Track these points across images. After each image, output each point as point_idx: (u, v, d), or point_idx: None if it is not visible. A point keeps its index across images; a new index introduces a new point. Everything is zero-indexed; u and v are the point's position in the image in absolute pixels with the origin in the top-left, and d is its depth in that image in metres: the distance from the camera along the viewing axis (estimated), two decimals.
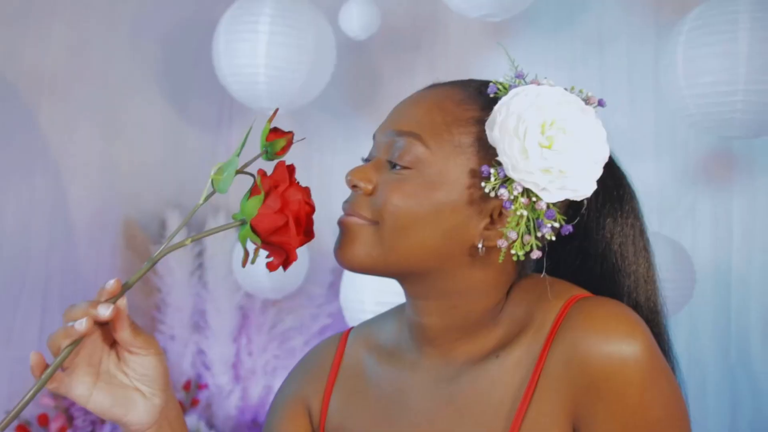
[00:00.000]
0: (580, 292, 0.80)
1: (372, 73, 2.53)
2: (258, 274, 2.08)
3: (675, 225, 2.10)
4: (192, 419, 2.19)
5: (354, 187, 0.82)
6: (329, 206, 2.82)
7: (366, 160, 0.85)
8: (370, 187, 0.80)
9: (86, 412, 2.08)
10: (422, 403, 0.84)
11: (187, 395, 2.30)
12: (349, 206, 0.82)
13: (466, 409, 0.80)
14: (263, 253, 0.77)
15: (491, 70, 0.85)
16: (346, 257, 0.81)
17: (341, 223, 0.83)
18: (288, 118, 2.35)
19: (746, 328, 2.06)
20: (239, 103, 2.70)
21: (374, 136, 0.85)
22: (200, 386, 2.32)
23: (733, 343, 2.07)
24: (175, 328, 2.31)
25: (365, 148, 0.88)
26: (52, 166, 2.22)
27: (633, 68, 2.19)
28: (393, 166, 0.80)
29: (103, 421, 2.07)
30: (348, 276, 1.95)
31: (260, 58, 1.90)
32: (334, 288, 2.40)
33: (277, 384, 2.33)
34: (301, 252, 2.42)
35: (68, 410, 2.09)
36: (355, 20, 2.05)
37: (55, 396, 2.10)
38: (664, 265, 1.50)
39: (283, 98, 1.94)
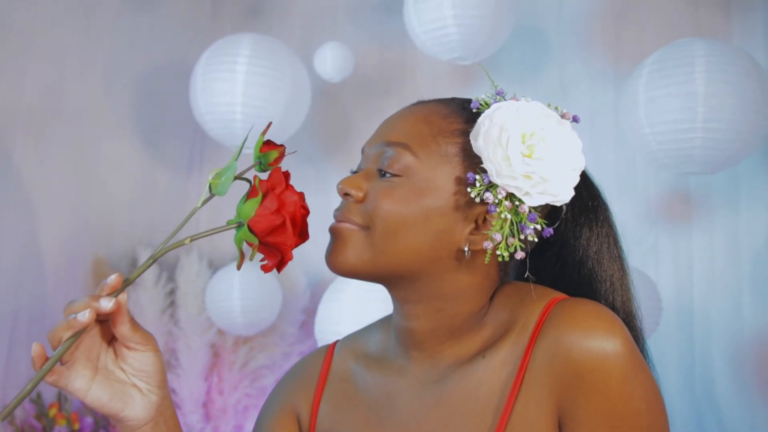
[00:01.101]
0: (560, 295, 0.84)
1: (343, 118, 2.59)
2: (232, 310, 2.09)
3: (639, 263, 2.16)
4: None
5: (345, 195, 0.85)
6: (299, 248, 2.85)
7: (354, 173, 0.89)
8: (361, 194, 0.84)
9: None
10: (411, 405, 0.86)
11: None
12: (340, 213, 0.85)
13: (455, 409, 0.83)
14: (258, 255, 0.80)
15: None
16: (337, 262, 0.84)
17: (333, 230, 0.86)
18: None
19: (710, 362, 2.11)
20: (211, 146, 2.74)
21: (363, 150, 0.89)
22: None
23: (698, 378, 2.12)
24: None
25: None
26: (24, 201, 2.22)
27: (595, 113, 2.28)
28: (383, 174, 0.84)
29: None
30: (323, 308, 1.97)
31: (237, 97, 1.94)
32: (305, 327, 2.42)
33: (248, 423, 2.32)
34: (275, 289, 2.42)
35: None
36: (329, 63, 2.12)
37: None
38: None
39: (258, 136, 1.98)
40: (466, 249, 0.82)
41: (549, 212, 0.86)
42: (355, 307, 1.80)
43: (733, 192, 2.12)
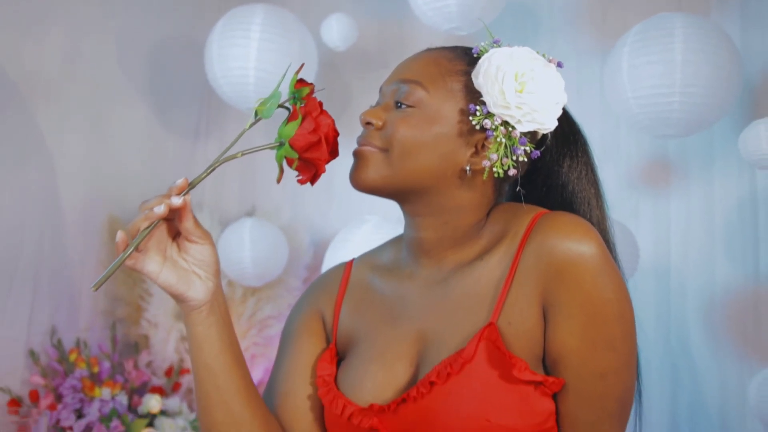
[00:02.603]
0: (545, 210, 1.00)
1: (344, 90, 2.73)
2: (242, 261, 2.24)
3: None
4: (175, 402, 2.31)
5: (367, 124, 1.01)
6: (303, 209, 2.98)
7: (373, 107, 1.05)
8: (380, 122, 1.00)
9: (74, 389, 2.18)
10: (420, 302, 1.03)
11: (169, 380, 2.42)
12: (363, 139, 1.02)
13: (457, 302, 0.99)
14: (293, 173, 0.96)
15: None
16: (360, 179, 1.01)
17: (356, 153, 1.02)
18: (267, 122, 2.54)
19: (684, 315, 2.20)
20: (216, 115, 2.88)
21: (380, 89, 1.06)
22: (182, 371, 2.44)
23: (673, 331, 2.21)
24: (159, 316, 2.43)
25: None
26: (47, 163, 2.35)
27: (582, 85, 2.36)
28: (399, 106, 1.00)
29: (90, 399, 2.18)
30: (329, 258, 2.13)
31: (251, 62, 2.09)
32: (309, 282, 2.58)
33: (255, 371, 2.47)
34: (282, 244, 2.55)
35: (57, 389, 2.20)
36: (335, 32, 2.26)
37: (44, 375, 2.21)
38: None
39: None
40: (467, 169, 0.98)
41: (538, 142, 1.02)
42: None
43: (708, 159, 2.22)
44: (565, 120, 1.06)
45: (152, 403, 2.23)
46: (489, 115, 0.96)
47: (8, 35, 2.23)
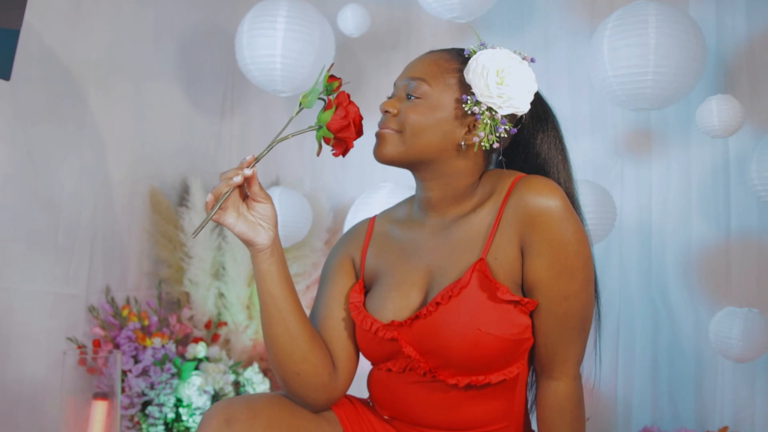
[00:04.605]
0: (523, 174, 1.31)
1: (358, 69, 3.00)
2: None
3: (607, 188, 2.51)
4: (215, 350, 2.64)
5: (386, 112, 1.32)
6: (322, 179, 3.25)
7: (389, 98, 1.35)
8: (395, 110, 1.31)
9: (130, 339, 2.51)
10: (427, 245, 1.34)
11: (209, 332, 2.74)
12: (382, 123, 1.32)
13: (456, 244, 1.30)
14: (327, 149, 1.26)
15: None
16: (382, 154, 1.31)
17: (378, 134, 1.33)
18: (293, 99, 2.83)
19: (664, 269, 2.41)
20: (239, 96, 3.16)
21: (394, 84, 1.36)
22: (220, 324, 2.76)
23: (654, 281, 2.43)
24: (199, 276, 2.74)
25: None
26: (98, 141, 2.63)
27: (572, 65, 2.58)
28: (409, 97, 1.30)
29: (144, 347, 2.51)
30: (349, 224, 2.42)
31: (277, 50, 2.37)
32: (329, 243, 2.89)
33: None
34: (306, 210, 2.87)
35: (115, 339, 2.52)
36: (350, 21, 2.54)
37: (104, 327, 2.53)
38: (591, 203, 1.89)
39: (294, 82, 2.43)
40: (462, 143, 1.29)
41: (517, 121, 1.32)
42: None
43: (686, 129, 2.39)
44: (539, 103, 1.36)
45: (198, 348, 2.56)
46: (477, 102, 1.26)
47: (61, 28, 2.49)
